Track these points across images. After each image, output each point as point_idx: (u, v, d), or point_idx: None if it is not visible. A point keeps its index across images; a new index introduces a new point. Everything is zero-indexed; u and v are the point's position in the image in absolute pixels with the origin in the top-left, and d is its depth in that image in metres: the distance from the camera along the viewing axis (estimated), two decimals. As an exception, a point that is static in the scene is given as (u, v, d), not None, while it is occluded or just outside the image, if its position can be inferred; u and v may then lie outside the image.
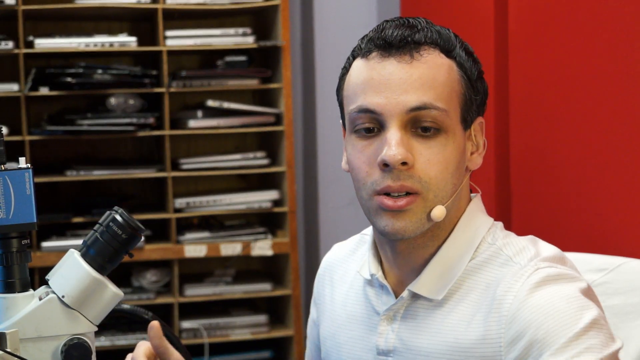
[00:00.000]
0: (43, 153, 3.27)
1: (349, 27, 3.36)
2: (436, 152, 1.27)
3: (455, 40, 1.32)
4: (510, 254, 1.30)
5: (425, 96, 1.26)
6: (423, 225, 1.28)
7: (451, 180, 1.28)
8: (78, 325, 1.20)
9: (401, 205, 1.27)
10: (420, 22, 1.33)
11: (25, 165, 1.21)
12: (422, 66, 1.28)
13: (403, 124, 1.27)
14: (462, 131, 1.30)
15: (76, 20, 3.26)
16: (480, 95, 1.33)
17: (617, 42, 1.90)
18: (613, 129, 1.93)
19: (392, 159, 1.25)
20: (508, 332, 1.23)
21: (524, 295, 1.23)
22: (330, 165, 3.38)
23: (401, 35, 1.29)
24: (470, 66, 1.32)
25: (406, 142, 1.26)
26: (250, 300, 3.27)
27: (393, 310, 1.36)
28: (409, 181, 1.26)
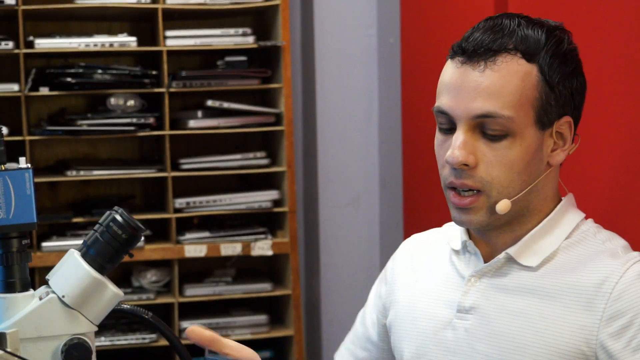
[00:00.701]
0: (43, 153, 3.27)
1: (349, 27, 3.36)
2: (500, 154, 1.39)
3: (545, 43, 1.41)
4: (603, 240, 1.43)
5: (491, 105, 1.38)
6: (489, 217, 1.41)
7: (519, 178, 1.40)
8: (78, 325, 1.20)
9: (465, 204, 1.41)
10: (509, 25, 1.42)
11: (25, 165, 1.21)
12: (494, 75, 1.39)
13: (470, 127, 1.39)
14: (537, 131, 1.40)
15: (76, 20, 3.26)
16: (564, 96, 1.42)
17: (617, 42, 1.90)
18: (613, 129, 1.93)
19: (453, 160, 1.39)
20: (611, 307, 1.33)
21: (631, 277, 1.34)
22: (330, 165, 3.38)
23: (480, 43, 1.40)
24: (554, 70, 1.40)
25: (471, 144, 1.39)
26: (250, 300, 3.27)
27: (483, 271, 1.46)
28: (470, 180, 1.40)
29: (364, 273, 3.42)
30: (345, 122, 3.38)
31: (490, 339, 1.42)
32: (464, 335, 1.45)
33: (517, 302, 1.41)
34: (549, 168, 1.44)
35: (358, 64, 3.37)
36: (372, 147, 3.40)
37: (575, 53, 1.45)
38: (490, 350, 1.42)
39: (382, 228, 3.41)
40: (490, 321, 1.43)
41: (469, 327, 1.45)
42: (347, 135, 3.38)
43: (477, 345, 1.43)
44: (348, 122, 3.38)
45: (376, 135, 3.40)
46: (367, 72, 3.37)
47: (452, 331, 1.47)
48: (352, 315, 3.65)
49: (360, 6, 3.36)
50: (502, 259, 1.45)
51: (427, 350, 1.50)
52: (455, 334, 1.46)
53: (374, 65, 3.37)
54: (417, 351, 1.52)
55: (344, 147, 3.39)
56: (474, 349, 1.43)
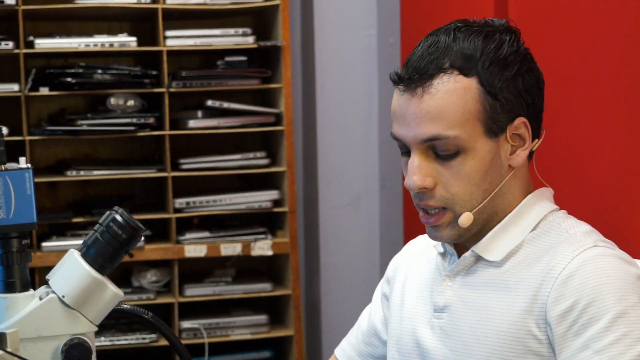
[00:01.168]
0: (43, 153, 3.27)
1: (349, 27, 3.36)
2: (455, 171, 1.42)
3: (481, 53, 1.42)
4: (567, 228, 1.45)
5: (434, 128, 1.41)
6: (458, 231, 1.45)
7: (479, 189, 1.44)
8: (78, 325, 1.20)
9: (432, 222, 1.46)
10: (445, 42, 1.44)
11: (25, 165, 1.21)
12: (432, 98, 1.41)
13: (422, 150, 1.44)
14: (489, 141, 1.43)
15: (76, 20, 3.26)
16: (511, 100, 1.43)
17: (618, 42, 1.90)
18: (613, 129, 1.93)
19: (412, 186, 1.44)
20: (556, 291, 1.35)
21: (580, 262, 1.36)
22: (330, 165, 3.38)
23: (415, 70, 1.43)
24: (495, 78, 1.42)
25: (426, 167, 1.44)
26: (250, 300, 3.26)
27: (455, 270, 1.50)
28: (432, 200, 1.44)
29: (364, 273, 3.42)
30: (345, 122, 3.38)
31: (458, 334, 1.46)
32: (439, 334, 1.49)
33: (481, 297, 1.45)
34: (511, 170, 1.46)
35: (358, 64, 3.37)
36: (372, 147, 3.40)
37: (519, 53, 1.45)
38: (456, 345, 1.46)
39: (382, 228, 3.41)
40: (459, 318, 1.46)
41: (443, 326, 1.49)
42: (347, 135, 3.38)
43: (447, 342, 1.47)
44: (348, 122, 3.38)
45: (376, 135, 3.40)
46: (367, 72, 3.37)
47: (430, 330, 1.51)
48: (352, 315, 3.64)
49: (360, 6, 3.36)
50: (468, 257, 1.48)
51: (407, 348, 1.54)
52: (432, 332, 1.50)
53: (374, 65, 3.37)
54: (401, 350, 1.56)
55: (344, 147, 3.39)
56: (445, 345, 1.47)
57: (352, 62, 3.36)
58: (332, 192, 3.39)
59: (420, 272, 1.59)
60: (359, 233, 3.42)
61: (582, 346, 1.31)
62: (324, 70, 3.34)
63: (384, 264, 3.41)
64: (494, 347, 1.41)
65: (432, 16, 2.93)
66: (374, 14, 3.36)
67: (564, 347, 1.33)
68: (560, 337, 1.34)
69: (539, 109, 1.48)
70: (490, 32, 1.46)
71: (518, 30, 1.49)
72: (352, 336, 1.74)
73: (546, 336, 1.36)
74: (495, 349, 1.41)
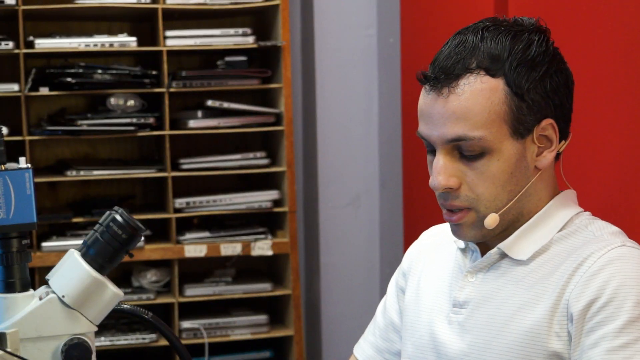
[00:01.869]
0: (43, 153, 3.27)
1: (349, 27, 3.36)
2: (480, 172, 1.42)
3: (509, 54, 1.42)
4: (594, 230, 1.45)
5: (460, 128, 1.41)
6: (481, 231, 1.45)
7: (504, 190, 1.43)
8: (78, 325, 1.20)
9: (454, 220, 1.46)
10: (472, 41, 1.44)
11: (25, 165, 1.21)
12: (458, 99, 1.41)
13: (448, 150, 1.44)
14: (515, 142, 1.43)
15: (76, 20, 3.26)
16: (538, 101, 1.43)
17: (618, 43, 1.90)
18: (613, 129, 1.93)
19: (436, 186, 1.44)
20: (581, 286, 1.35)
21: (606, 260, 1.36)
22: (330, 165, 3.38)
23: (442, 69, 1.43)
24: (522, 79, 1.41)
25: (451, 167, 1.44)
26: (250, 300, 3.27)
27: (478, 267, 1.50)
28: (457, 201, 1.44)
29: (364, 273, 3.42)
30: (345, 122, 3.38)
31: (477, 330, 1.46)
32: (456, 329, 1.49)
33: (503, 294, 1.45)
34: (538, 172, 1.46)
35: (358, 64, 3.37)
36: (372, 147, 3.40)
37: (547, 53, 1.45)
38: (475, 339, 1.45)
39: (382, 228, 3.41)
40: (479, 314, 1.46)
41: (462, 321, 1.48)
42: (347, 135, 3.38)
43: (465, 336, 1.47)
44: (348, 122, 3.38)
45: (376, 135, 3.40)
46: (367, 72, 3.37)
47: (447, 325, 1.50)
48: (352, 315, 3.66)
49: (360, 6, 3.36)
50: (494, 254, 1.48)
51: (422, 342, 1.54)
52: (450, 327, 1.50)
53: (374, 65, 3.37)
54: (416, 342, 1.56)
55: (344, 147, 3.39)
56: (463, 340, 1.47)
57: (352, 62, 3.36)
58: (332, 192, 3.39)
59: (439, 266, 1.59)
60: (359, 233, 3.42)
61: (593, 343, 1.32)
62: (324, 70, 3.34)
63: (384, 264, 3.41)
64: (514, 344, 1.41)
65: (432, 16, 2.93)
66: (374, 14, 3.36)
67: (579, 343, 1.34)
68: (578, 332, 1.34)
69: (567, 110, 1.47)
70: (519, 31, 1.45)
71: (548, 30, 1.48)
72: (370, 333, 1.74)
73: (566, 332, 1.36)
74: (515, 346, 1.41)
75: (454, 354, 1.48)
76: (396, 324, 1.67)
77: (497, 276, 1.48)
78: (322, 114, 3.35)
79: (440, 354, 1.50)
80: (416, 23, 3.08)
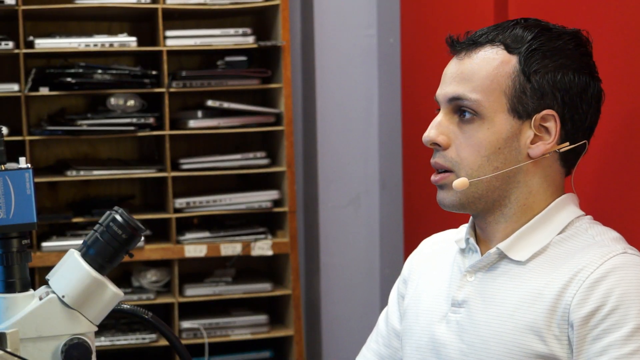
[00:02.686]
0: (43, 153, 3.27)
1: (349, 27, 3.36)
2: (469, 136, 1.46)
3: (532, 38, 1.47)
4: (594, 234, 1.46)
5: (461, 88, 1.47)
6: (459, 198, 1.48)
7: (489, 163, 1.46)
8: (78, 325, 1.20)
9: (436, 180, 1.51)
10: (508, 25, 1.50)
11: (25, 165, 1.21)
12: (470, 62, 1.48)
13: (449, 110, 1.49)
14: (511, 119, 1.46)
15: (76, 20, 3.26)
16: (544, 88, 1.45)
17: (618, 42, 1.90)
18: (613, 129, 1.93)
19: (425, 138, 1.50)
20: (583, 293, 1.36)
21: (608, 267, 1.37)
22: (330, 165, 3.38)
23: (469, 38, 1.51)
24: (534, 61, 1.45)
25: (446, 125, 1.49)
26: (250, 300, 3.27)
27: (477, 267, 1.51)
28: (441, 159, 1.49)
29: (364, 273, 3.42)
30: (345, 122, 3.38)
31: (475, 329, 1.47)
32: (455, 328, 1.50)
33: (501, 294, 1.46)
34: (529, 159, 1.47)
35: (358, 64, 3.37)
36: (372, 147, 3.40)
37: (574, 55, 1.47)
38: (473, 339, 1.46)
39: (382, 228, 3.41)
40: (477, 313, 1.47)
41: (460, 320, 1.49)
42: (347, 136, 3.38)
43: (464, 336, 1.48)
44: (348, 122, 3.38)
45: (376, 135, 3.40)
46: (367, 72, 3.37)
47: (445, 324, 1.51)
48: (352, 315, 3.66)
49: (360, 6, 3.36)
50: (493, 254, 1.49)
51: (422, 343, 1.55)
52: (448, 327, 1.51)
53: (374, 65, 3.37)
54: (415, 344, 1.57)
55: (344, 147, 3.39)
56: (461, 340, 1.48)
57: (352, 62, 3.36)
58: (332, 192, 3.39)
59: (438, 270, 1.60)
60: (359, 233, 3.42)
61: (600, 351, 1.32)
62: (324, 70, 3.34)
63: (384, 264, 3.41)
64: (512, 343, 1.41)
65: (432, 16, 2.93)
66: (374, 14, 3.36)
67: (583, 350, 1.34)
68: (581, 339, 1.34)
69: (579, 114, 1.48)
70: (556, 28, 1.50)
71: (587, 40, 1.53)
72: (372, 341, 1.74)
73: (566, 337, 1.37)
74: (513, 346, 1.41)
75: (453, 354, 1.48)
76: (398, 330, 1.68)
77: (495, 276, 1.48)
78: (322, 114, 3.35)
79: (440, 355, 1.51)
80: (416, 23, 3.08)
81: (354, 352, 1.88)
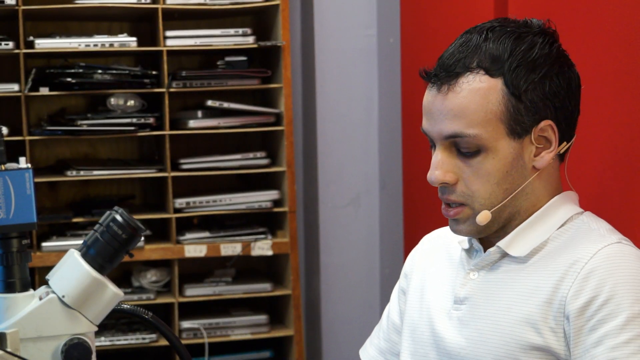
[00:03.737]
0: (43, 153, 3.27)
1: (349, 27, 3.36)
2: (476, 169, 1.45)
3: (510, 55, 1.44)
4: (594, 227, 1.47)
5: (456, 125, 1.44)
6: (476, 227, 1.48)
7: (499, 188, 1.46)
8: (78, 325, 1.20)
9: (451, 215, 1.50)
10: (476, 41, 1.47)
11: (25, 165, 1.21)
12: (456, 97, 1.44)
13: (446, 146, 1.47)
14: (512, 142, 1.45)
15: (76, 20, 3.26)
16: (536, 103, 1.44)
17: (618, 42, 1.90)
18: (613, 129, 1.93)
19: (433, 180, 1.48)
20: (578, 284, 1.37)
21: (602, 257, 1.38)
22: (330, 165, 3.38)
23: (443, 67, 1.47)
24: (520, 79, 1.43)
25: (448, 162, 1.47)
26: (250, 300, 3.27)
27: (480, 265, 1.52)
28: (453, 195, 1.48)
29: (364, 273, 3.42)
30: (345, 122, 3.38)
31: (474, 324, 1.48)
32: (456, 324, 1.51)
33: (502, 290, 1.47)
34: (536, 171, 1.48)
35: (358, 64, 3.37)
36: (372, 147, 3.40)
37: (550, 56, 1.47)
38: (472, 334, 1.48)
39: (382, 228, 3.41)
40: (478, 309, 1.49)
41: (461, 316, 1.51)
42: (347, 135, 3.38)
43: (463, 331, 1.49)
44: (348, 122, 3.38)
45: (376, 135, 3.40)
46: (367, 72, 3.37)
47: (447, 321, 1.53)
48: (352, 315, 3.65)
49: (360, 6, 3.36)
50: (494, 252, 1.50)
51: (424, 337, 1.57)
52: (450, 323, 1.52)
53: (374, 65, 3.37)
54: (417, 338, 1.58)
55: (344, 147, 3.39)
56: (461, 334, 1.49)
57: (352, 62, 3.36)
58: (332, 192, 3.39)
59: (441, 266, 1.61)
60: (359, 233, 3.42)
61: (596, 341, 1.33)
62: (324, 70, 3.34)
63: (384, 264, 3.41)
64: (508, 336, 1.43)
65: (432, 16, 2.93)
66: (374, 14, 3.36)
67: (580, 342, 1.35)
68: (577, 330, 1.36)
69: (569, 112, 1.49)
70: (524, 33, 1.47)
71: (555, 33, 1.51)
72: (375, 336, 1.76)
73: (562, 329, 1.38)
74: (509, 338, 1.42)
75: (452, 348, 1.50)
76: (398, 325, 1.69)
77: (497, 274, 1.50)
78: (322, 114, 3.35)
79: (439, 348, 1.52)
80: (416, 23, 3.08)
81: (354, 352, 1.89)
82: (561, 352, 1.38)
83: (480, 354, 1.45)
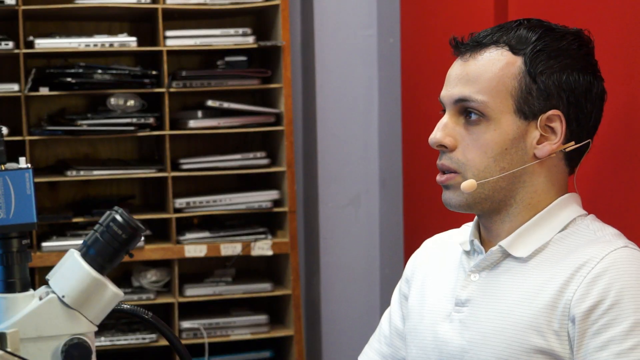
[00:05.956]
0: (43, 153, 3.27)
1: (349, 27, 3.36)
2: (475, 138, 1.47)
3: (536, 39, 1.47)
4: (595, 230, 1.47)
5: (467, 90, 1.47)
6: (465, 198, 1.48)
7: (495, 164, 1.46)
8: (78, 325, 1.20)
9: (442, 181, 1.51)
10: (511, 26, 1.51)
11: (25, 165, 1.21)
12: (475, 64, 1.49)
13: (455, 112, 1.50)
14: (518, 120, 1.46)
15: (76, 20, 3.26)
16: (549, 89, 1.46)
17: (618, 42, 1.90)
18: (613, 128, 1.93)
19: (431, 140, 1.50)
20: (584, 288, 1.36)
21: (609, 261, 1.37)
22: (330, 165, 3.38)
23: (473, 39, 1.51)
24: (539, 62, 1.46)
25: (452, 128, 1.49)
26: (250, 300, 3.27)
27: (481, 266, 1.52)
28: (447, 161, 1.49)
29: (364, 273, 3.42)
30: (345, 122, 3.38)
31: (476, 326, 1.47)
32: (457, 326, 1.50)
33: (504, 291, 1.46)
34: (535, 160, 1.48)
35: (358, 64, 3.37)
36: (372, 146, 3.40)
37: (578, 55, 1.49)
38: (474, 336, 1.47)
39: (382, 228, 3.41)
40: (480, 311, 1.48)
41: (463, 318, 1.50)
42: (347, 135, 3.38)
43: (465, 333, 1.49)
44: (348, 122, 3.38)
45: (376, 135, 3.40)
46: (367, 72, 3.37)
47: (449, 324, 1.52)
48: (352, 315, 3.65)
49: (360, 6, 3.36)
50: (495, 252, 1.50)
51: (426, 342, 1.56)
52: (451, 325, 1.52)
53: (374, 65, 3.37)
54: (420, 343, 1.57)
55: (344, 147, 3.39)
56: (463, 337, 1.49)
57: (352, 62, 3.36)
58: (332, 192, 3.39)
59: (442, 270, 1.61)
60: (359, 233, 3.42)
61: (601, 346, 1.33)
62: (324, 70, 3.34)
63: (384, 264, 3.41)
64: (511, 339, 1.42)
65: (432, 16, 2.93)
66: (374, 14, 3.36)
67: (583, 345, 1.35)
68: (581, 333, 1.35)
69: (583, 114, 1.50)
70: (559, 28, 1.51)
71: (589, 40, 1.53)
72: (375, 340, 1.75)
73: (566, 332, 1.37)
74: (512, 341, 1.42)
75: (454, 351, 1.49)
76: (400, 330, 1.68)
77: (498, 274, 1.49)
78: (322, 114, 3.35)
79: (442, 352, 1.51)
80: (416, 23, 3.08)
81: (354, 352, 1.89)
82: (565, 355, 1.37)
83: (483, 357, 1.45)
